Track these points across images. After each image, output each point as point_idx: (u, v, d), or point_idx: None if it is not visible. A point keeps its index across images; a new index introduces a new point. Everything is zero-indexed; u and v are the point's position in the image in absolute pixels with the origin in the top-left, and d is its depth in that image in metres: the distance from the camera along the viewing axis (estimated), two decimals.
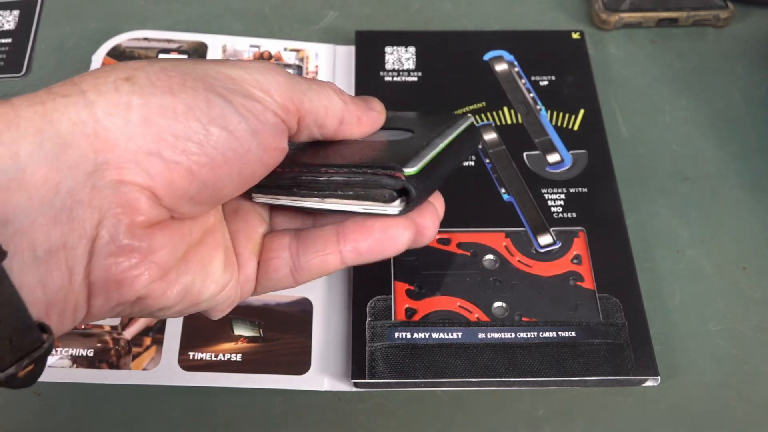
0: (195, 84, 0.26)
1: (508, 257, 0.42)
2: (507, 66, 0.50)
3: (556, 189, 0.44)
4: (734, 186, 0.46)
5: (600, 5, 0.53)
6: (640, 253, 0.43)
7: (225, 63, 0.28)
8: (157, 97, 0.26)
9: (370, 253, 0.30)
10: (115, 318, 0.31)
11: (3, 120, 0.24)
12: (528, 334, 0.39)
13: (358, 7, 0.55)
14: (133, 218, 0.26)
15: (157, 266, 0.27)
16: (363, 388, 0.39)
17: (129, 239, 0.26)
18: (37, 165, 0.24)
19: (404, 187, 0.29)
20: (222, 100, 0.27)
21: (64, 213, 0.24)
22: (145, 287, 0.27)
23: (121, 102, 0.25)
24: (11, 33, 0.52)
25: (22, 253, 0.24)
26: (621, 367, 0.38)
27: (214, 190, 0.27)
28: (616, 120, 0.49)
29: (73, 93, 0.25)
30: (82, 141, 0.24)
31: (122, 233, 0.25)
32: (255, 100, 0.27)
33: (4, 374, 0.24)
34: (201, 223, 0.30)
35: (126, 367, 0.39)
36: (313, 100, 0.30)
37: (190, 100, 0.26)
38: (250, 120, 0.27)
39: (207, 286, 0.30)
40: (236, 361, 0.39)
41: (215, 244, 0.30)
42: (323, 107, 0.30)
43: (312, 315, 0.41)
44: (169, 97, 0.26)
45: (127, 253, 0.26)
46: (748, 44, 0.53)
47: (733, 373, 0.40)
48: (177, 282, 0.28)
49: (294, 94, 0.29)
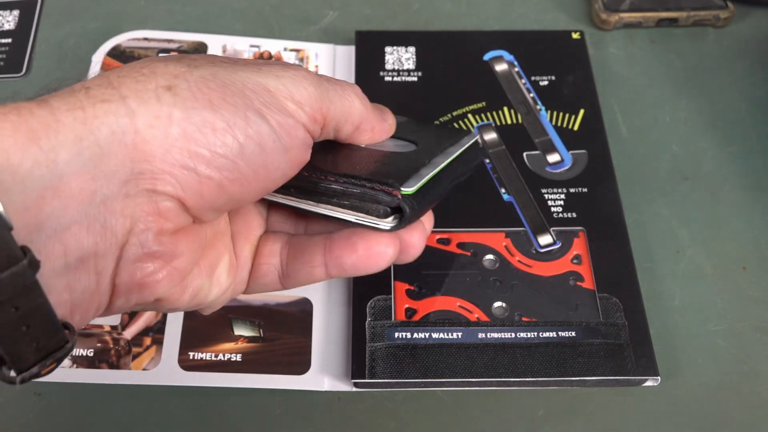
0: (235, 100, 0.26)
1: (508, 257, 0.42)
2: (507, 66, 0.50)
3: (556, 189, 0.44)
4: (734, 186, 0.46)
5: (600, 5, 0.53)
6: (640, 253, 0.43)
7: (260, 71, 0.28)
8: (198, 111, 0.25)
9: (354, 269, 0.31)
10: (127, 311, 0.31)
11: (42, 125, 0.23)
12: (528, 334, 0.39)
13: (358, 7, 0.55)
14: (162, 225, 0.26)
15: (178, 271, 0.27)
16: (363, 388, 0.39)
17: (157, 246, 0.26)
18: (74, 173, 0.23)
19: (399, 205, 0.29)
20: (259, 118, 0.27)
21: (98, 222, 0.24)
22: (165, 291, 0.27)
23: (162, 114, 0.25)
24: (11, 33, 0.52)
25: (53, 260, 0.24)
26: (621, 367, 0.38)
27: (238, 201, 0.28)
28: (616, 120, 0.49)
29: (113, 99, 0.25)
30: (120, 150, 0.24)
31: (151, 240, 0.26)
32: (288, 116, 0.28)
33: (29, 373, 0.24)
34: (214, 226, 0.30)
35: (126, 367, 0.39)
36: (337, 106, 0.30)
37: (230, 117, 0.26)
38: (283, 138, 0.27)
39: (213, 290, 0.30)
40: (236, 361, 0.39)
41: (223, 248, 0.31)
42: (345, 113, 0.31)
43: (312, 315, 0.41)
44: (209, 112, 0.26)
45: (153, 259, 0.26)
46: (748, 44, 0.53)
47: (733, 373, 0.40)
48: (191, 285, 0.29)
49: (323, 104, 0.29)
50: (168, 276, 0.27)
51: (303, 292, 0.41)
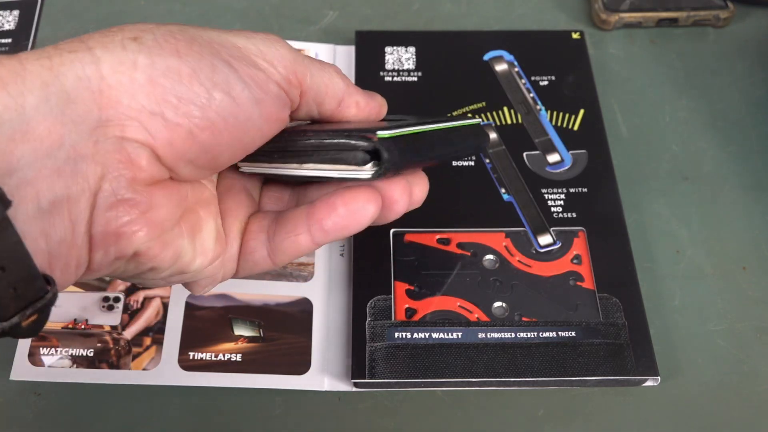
0: (201, 49, 0.27)
1: (508, 257, 0.42)
2: (507, 66, 0.50)
3: (556, 189, 0.44)
4: (734, 186, 0.46)
5: (600, 5, 0.53)
6: (640, 253, 0.43)
7: (230, 32, 0.29)
8: (163, 58, 0.26)
9: (336, 229, 0.30)
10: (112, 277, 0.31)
11: (10, 72, 0.24)
12: (528, 334, 0.39)
13: (358, 7, 0.55)
14: (134, 173, 0.26)
15: (155, 223, 0.27)
16: (363, 388, 0.39)
17: (130, 193, 0.26)
18: (42, 117, 0.24)
19: (376, 148, 0.28)
20: (227, 67, 0.27)
21: (68, 166, 0.25)
22: (143, 243, 0.27)
23: (127, 60, 0.25)
24: (11, 33, 0.52)
25: (26, 203, 0.24)
26: (621, 367, 0.38)
27: (213, 154, 0.28)
28: (616, 120, 0.49)
29: (79, 49, 0.25)
30: (86, 96, 0.25)
31: (124, 187, 0.26)
32: (259, 69, 0.28)
33: (9, 323, 0.24)
34: (197, 192, 0.31)
35: (126, 367, 0.39)
36: (315, 76, 0.30)
37: (196, 64, 0.26)
38: (253, 88, 0.27)
39: (197, 256, 0.30)
40: (236, 361, 0.39)
41: (208, 215, 0.31)
42: (324, 85, 0.31)
43: (312, 315, 0.41)
44: (175, 59, 0.26)
45: (127, 206, 0.26)
46: (748, 44, 0.53)
47: (733, 373, 0.40)
48: (172, 244, 0.28)
49: (297, 68, 0.29)
50: (145, 226, 0.27)
51: (303, 292, 0.41)
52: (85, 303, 0.41)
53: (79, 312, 0.40)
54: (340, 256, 0.43)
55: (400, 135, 0.29)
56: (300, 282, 0.42)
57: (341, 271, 0.42)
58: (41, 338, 0.39)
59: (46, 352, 0.39)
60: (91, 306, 0.40)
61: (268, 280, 0.42)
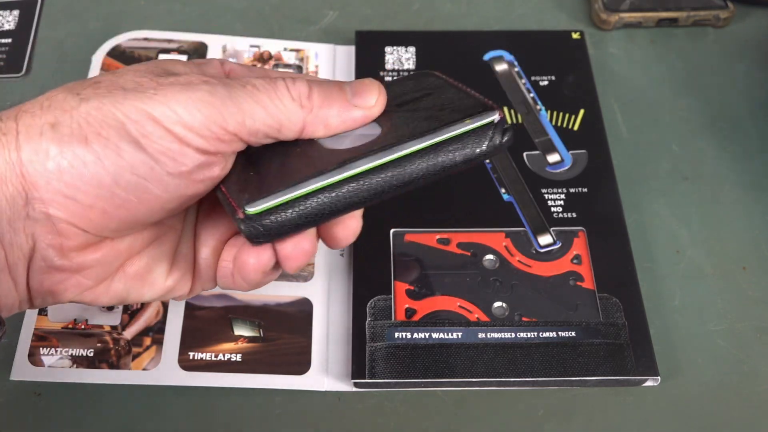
0: (109, 132, 0.28)
1: (508, 257, 0.42)
2: (507, 66, 0.50)
3: (556, 189, 0.44)
4: (734, 186, 0.46)
5: (600, 5, 0.53)
6: (640, 253, 0.43)
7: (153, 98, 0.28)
8: (70, 147, 0.28)
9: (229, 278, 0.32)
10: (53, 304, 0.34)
11: None
12: (528, 334, 0.39)
13: (358, 7, 0.55)
14: (62, 243, 0.29)
15: (86, 281, 0.31)
16: (363, 388, 0.39)
17: (60, 260, 0.29)
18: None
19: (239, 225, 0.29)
20: (132, 147, 0.28)
21: (6, 238, 0.28)
22: (76, 296, 0.31)
23: (41, 149, 0.28)
24: (11, 33, 0.52)
25: None
26: (621, 367, 0.38)
27: (137, 220, 0.30)
28: (616, 120, 0.49)
29: (10, 132, 0.28)
30: (14, 179, 0.28)
31: (54, 256, 0.29)
32: (174, 141, 0.28)
33: None
34: (147, 236, 0.32)
35: (126, 367, 0.39)
36: (257, 117, 0.29)
37: (101, 150, 0.28)
38: (164, 164, 0.28)
39: (146, 292, 0.33)
40: (236, 361, 0.39)
41: (159, 255, 0.33)
42: (273, 121, 0.30)
43: (312, 315, 0.41)
44: (81, 147, 0.28)
45: (56, 272, 0.30)
46: (748, 44, 0.53)
47: (733, 373, 0.40)
48: (108, 291, 0.32)
49: (227, 121, 0.29)
50: (75, 285, 0.30)
51: (303, 292, 0.41)
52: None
53: (79, 312, 0.40)
54: (340, 256, 0.43)
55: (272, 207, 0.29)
56: (300, 282, 0.42)
57: (341, 271, 0.42)
58: (41, 338, 0.39)
59: (46, 352, 0.39)
60: (91, 306, 0.40)
61: None
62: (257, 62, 0.51)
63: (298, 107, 0.30)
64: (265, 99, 0.29)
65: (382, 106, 0.32)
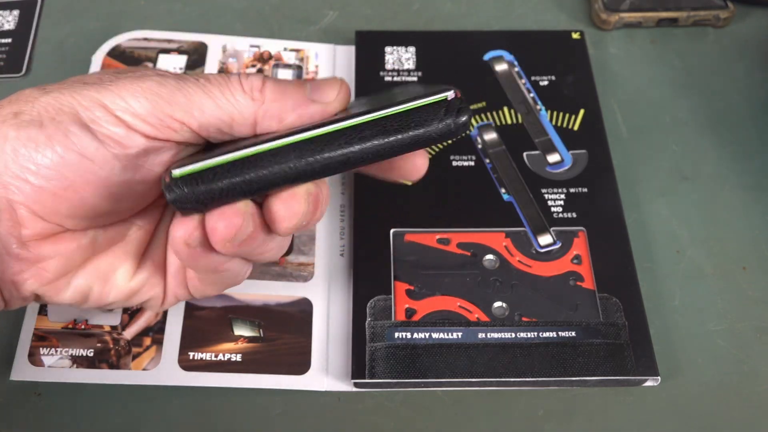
0: (62, 117, 0.30)
1: (508, 257, 0.42)
2: (507, 66, 0.50)
3: (556, 189, 0.44)
4: (734, 186, 0.46)
5: (600, 5, 0.53)
6: (640, 253, 0.43)
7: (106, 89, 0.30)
8: (26, 130, 0.29)
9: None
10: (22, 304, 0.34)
11: None
12: (528, 334, 0.39)
13: (358, 7, 0.55)
14: (19, 231, 0.30)
15: (47, 272, 0.31)
16: (363, 388, 0.39)
17: (19, 249, 0.30)
18: None
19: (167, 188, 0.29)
20: (80, 130, 0.30)
21: None
22: (36, 289, 0.32)
23: (1, 134, 0.30)
24: (11, 33, 0.52)
25: None
26: (621, 367, 0.38)
27: (90, 207, 0.31)
28: (616, 120, 0.49)
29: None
30: None
31: (14, 244, 0.30)
32: (119, 126, 0.30)
33: None
34: (112, 234, 0.33)
35: (126, 367, 0.39)
36: (206, 109, 0.30)
37: (52, 132, 0.30)
38: (110, 146, 0.30)
39: (109, 292, 0.34)
40: (236, 361, 0.39)
41: (123, 255, 0.34)
42: (224, 114, 0.30)
43: (312, 315, 0.41)
44: (35, 129, 0.30)
45: (15, 260, 0.31)
46: (748, 44, 0.53)
47: (733, 373, 0.40)
48: (70, 286, 0.33)
49: (173, 109, 0.30)
50: (35, 276, 0.31)
51: (303, 292, 0.41)
52: None
53: (79, 312, 0.40)
54: (340, 256, 0.43)
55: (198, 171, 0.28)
56: (300, 282, 0.42)
57: (341, 271, 0.42)
58: (41, 338, 0.39)
59: (46, 352, 0.39)
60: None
61: (268, 280, 0.42)
62: (257, 62, 0.51)
63: (249, 100, 0.31)
64: (215, 91, 0.31)
65: (342, 102, 0.32)
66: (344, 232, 0.44)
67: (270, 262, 0.42)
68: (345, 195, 0.45)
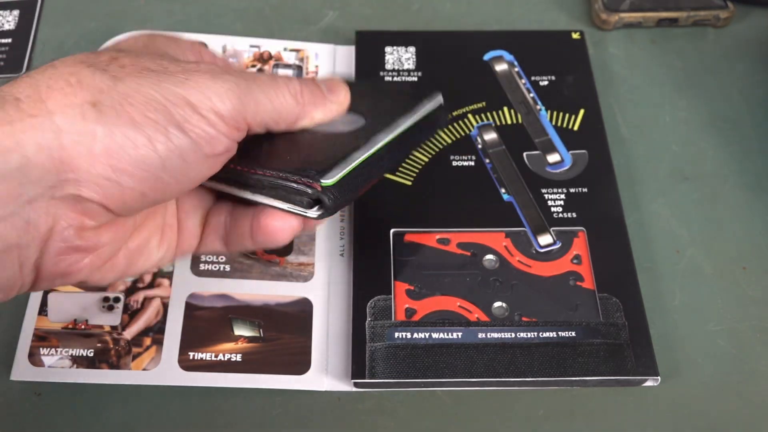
0: (156, 116, 0.28)
1: (508, 257, 0.42)
2: (507, 66, 0.50)
3: (556, 189, 0.44)
4: (734, 186, 0.46)
5: (600, 5, 0.53)
6: (640, 253, 0.43)
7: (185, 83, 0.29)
8: (120, 129, 0.27)
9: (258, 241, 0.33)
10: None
11: None
12: (528, 334, 0.39)
13: (358, 7, 0.55)
14: (84, 223, 0.28)
15: (100, 259, 0.30)
16: (363, 388, 0.39)
17: (79, 241, 0.29)
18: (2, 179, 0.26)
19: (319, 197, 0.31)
20: (180, 132, 0.28)
21: (21, 219, 0.27)
22: (86, 276, 0.30)
23: (86, 131, 0.27)
24: (11, 33, 0.52)
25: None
26: (621, 367, 0.38)
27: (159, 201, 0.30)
28: (616, 120, 0.49)
29: (41, 113, 0.27)
30: (46, 162, 0.27)
31: (73, 236, 0.28)
32: (210, 126, 0.29)
33: None
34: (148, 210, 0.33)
35: (126, 367, 0.39)
36: (264, 110, 0.31)
37: (152, 133, 0.28)
38: (204, 148, 0.29)
39: (141, 264, 0.33)
40: (236, 361, 0.39)
41: (154, 228, 0.33)
42: (276, 115, 0.32)
43: (312, 315, 0.41)
44: (131, 129, 0.27)
45: (76, 252, 0.29)
46: (748, 44, 0.53)
47: (733, 373, 0.40)
48: (114, 269, 0.32)
49: (246, 110, 0.31)
50: (90, 263, 0.30)
51: (303, 292, 0.41)
52: (85, 303, 0.41)
53: (79, 312, 0.40)
54: (340, 256, 0.43)
55: (344, 176, 0.31)
56: (300, 282, 0.42)
57: (341, 271, 0.42)
58: (41, 338, 0.39)
59: (46, 353, 0.39)
60: (91, 306, 0.40)
61: (268, 280, 0.42)
62: (257, 62, 0.51)
63: (295, 102, 0.32)
64: (271, 92, 0.31)
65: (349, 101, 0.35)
66: (344, 232, 0.44)
67: (270, 262, 0.42)
68: None
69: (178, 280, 0.41)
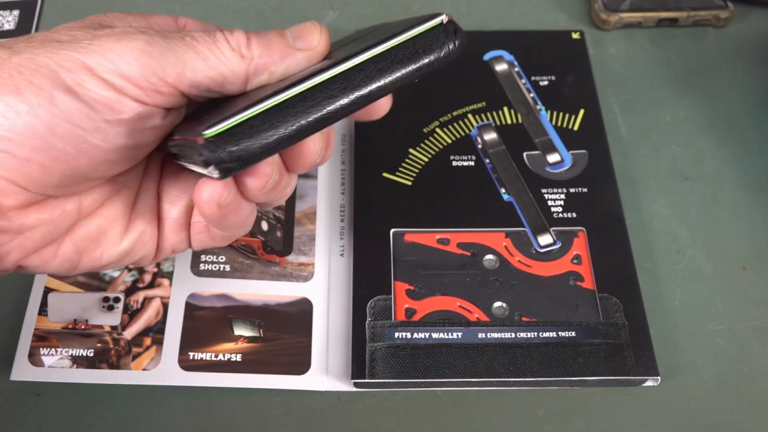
0: (42, 81, 0.27)
1: (508, 257, 0.42)
2: (507, 66, 0.50)
3: (556, 189, 0.44)
4: (734, 186, 0.46)
5: (600, 5, 0.53)
6: (640, 253, 0.43)
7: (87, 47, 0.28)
8: (3, 98, 0.27)
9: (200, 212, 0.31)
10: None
11: None
12: (528, 334, 0.39)
13: (358, 7, 0.55)
14: (2, 202, 0.28)
15: (31, 242, 0.29)
16: (363, 388, 0.39)
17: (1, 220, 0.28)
18: None
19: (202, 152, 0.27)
20: (67, 96, 0.27)
21: None
22: (20, 261, 0.30)
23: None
24: (11, 33, 0.52)
25: None
26: (621, 367, 0.38)
27: (79, 176, 0.29)
28: (616, 120, 0.49)
29: None
30: None
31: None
32: (109, 90, 0.28)
33: None
34: (96, 196, 0.31)
35: (126, 367, 0.39)
36: (198, 69, 0.29)
37: (34, 99, 0.27)
38: (101, 112, 0.28)
39: (101, 256, 0.32)
40: (236, 361, 0.39)
41: (112, 216, 0.32)
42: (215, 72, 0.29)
43: (312, 315, 0.41)
44: (13, 98, 0.27)
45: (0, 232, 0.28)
46: (748, 44, 0.53)
47: (733, 373, 0.40)
48: (57, 255, 0.31)
49: (165, 71, 0.28)
50: (18, 247, 0.29)
51: (303, 292, 0.41)
52: (85, 303, 0.41)
53: (79, 312, 0.40)
54: (340, 256, 0.43)
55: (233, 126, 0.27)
56: (300, 282, 0.42)
57: (341, 271, 0.42)
58: (41, 338, 0.39)
59: (46, 353, 0.39)
60: (91, 306, 0.40)
61: (268, 280, 0.42)
62: None
63: (239, 57, 0.29)
64: (205, 51, 0.29)
65: (326, 46, 0.32)
66: (344, 232, 0.44)
67: (270, 262, 0.42)
68: (345, 195, 0.45)
69: (178, 280, 0.41)
